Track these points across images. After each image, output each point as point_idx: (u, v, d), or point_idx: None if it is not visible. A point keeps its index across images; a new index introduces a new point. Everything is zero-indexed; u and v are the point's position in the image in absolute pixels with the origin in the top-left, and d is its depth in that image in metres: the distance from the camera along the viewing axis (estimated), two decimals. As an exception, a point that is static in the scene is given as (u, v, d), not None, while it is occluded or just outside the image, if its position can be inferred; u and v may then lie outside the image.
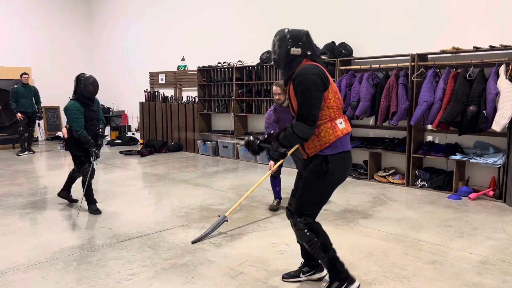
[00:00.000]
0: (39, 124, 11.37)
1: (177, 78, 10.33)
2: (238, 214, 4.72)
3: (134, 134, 11.40)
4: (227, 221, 4.16)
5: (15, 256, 3.58)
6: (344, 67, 6.71)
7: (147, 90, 10.85)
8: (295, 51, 2.65)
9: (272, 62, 7.86)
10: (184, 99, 10.16)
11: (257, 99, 8.25)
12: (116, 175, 7.07)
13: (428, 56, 6.00)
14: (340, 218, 4.57)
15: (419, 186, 5.97)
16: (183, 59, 10.13)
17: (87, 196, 4.87)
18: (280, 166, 4.86)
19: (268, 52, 7.92)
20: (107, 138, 11.64)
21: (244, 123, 8.84)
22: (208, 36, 9.55)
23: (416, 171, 6.06)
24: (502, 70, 5.09)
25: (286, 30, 2.70)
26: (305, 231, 2.69)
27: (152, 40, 11.14)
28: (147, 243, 3.86)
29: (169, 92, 10.53)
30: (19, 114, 9.13)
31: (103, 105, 12.35)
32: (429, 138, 6.21)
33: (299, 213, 2.71)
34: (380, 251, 3.62)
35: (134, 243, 3.88)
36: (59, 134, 11.85)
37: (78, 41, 12.97)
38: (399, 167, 6.42)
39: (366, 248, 3.70)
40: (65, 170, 7.68)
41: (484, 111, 5.10)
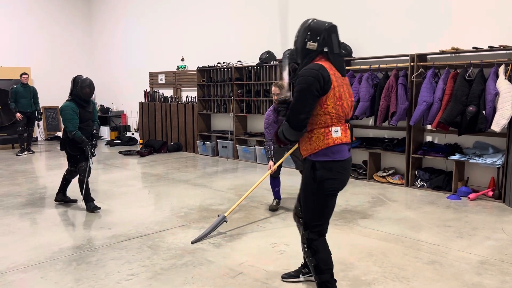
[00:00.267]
0: (38, 125, 11.36)
1: (176, 78, 10.32)
2: (238, 214, 4.72)
3: (133, 134, 11.39)
4: (226, 221, 4.16)
5: (14, 256, 3.58)
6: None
7: (146, 90, 10.85)
8: (311, 45, 2.49)
9: (271, 62, 7.89)
10: (184, 99, 10.16)
11: (256, 99, 8.25)
12: (115, 175, 7.07)
13: (428, 56, 6.00)
14: (340, 218, 4.57)
15: (419, 186, 5.97)
16: (182, 59, 10.13)
17: (85, 194, 4.90)
18: (279, 166, 4.86)
19: (268, 53, 7.93)
20: (107, 138, 11.64)
21: (244, 123, 8.84)
22: (208, 36, 9.55)
23: (416, 171, 6.06)
24: (501, 70, 5.10)
25: (310, 21, 2.54)
26: (304, 246, 2.62)
27: (151, 40, 11.14)
28: (147, 243, 3.86)
29: (168, 92, 10.53)
30: (18, 114, 9.12)
31: (103, 105, 12.38)
32: (428, 138, 6.21)
33: (305, 226, 2.61)
34: (379, 251, 3.62)
35: (133, 243, 3.88)
36: (59, 134, 11.84)
37: (78, 41, 12.96)
38: (398, 167, 6.42)
39: (365, 248, 3.71)
40: (64, 170, 7.63)
41: (484, 112, 5.10)
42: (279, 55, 7.80)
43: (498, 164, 5.21)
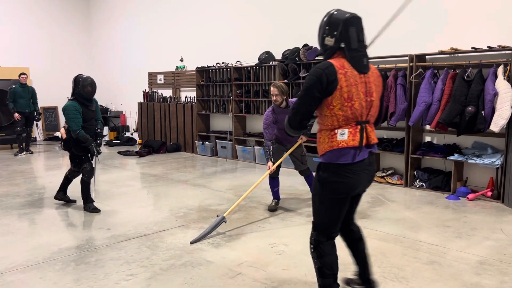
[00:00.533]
0: (37, 125, 11.34)
1: (175, 79, 10.32)
2: (237, 215, 4.72)
3: (132, 134, 11.38)
4: (225, 221, 4.16)
5: (13, 257, 3.57)
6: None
7: (145, 90, 10.84)
8: (329, 41, 2.33)
9: (270, 63, 7.89)
10: (183, 99, 10.16)
11: (255, 100, 8.25)
12: (114, 175, 7.06)
13: (427, 56, 6.00)
14: (339, 218, 4.57)
15: (418, 186, 5.98)
16: (181, 60, 10.13)
17: (86, 195, 4.90)
18: (278, 166, 4.86)
19: (267, 53, 7.92)
20: (106, 138, 11.62)
21: (243, 123, 8.84)
22: (207, 37, 9.55)
23: (415, 172, 6.06)
24: (500, 70, 5.10)
25: (331, 12, 2.38)
26: (310, 246, 2.53)
27: (150, 40, 11.14)
28: (146, 244, 3.86)
29: (167, 92, 10.52)
30: (16, 115, 9.11)
31: (101, 105, 12.35)
32: (427, 139, 6.22)
33: (313, 226, 2.53)
34: (378, 252, 3.62)
35: (132, 243, 3.88)
36: (57, 134, 11.83)
37: (77, 41, 12.95)
38: (397, 167, 6.42)
39: (364, 248, 3.70)
40: (63, 170, 7.66)
41: (482, 112, 5.10)
42: (278, 55, 7.80)
43: (497, 164, 5.22)
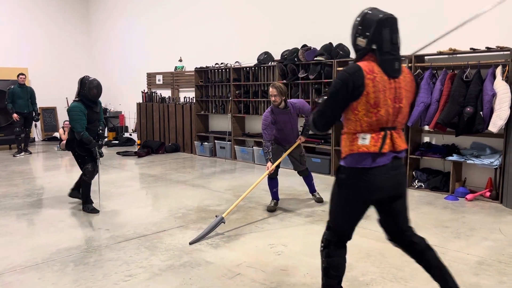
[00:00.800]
0: (36, 125, 11.34)
1: (174, 79, 10.31)
2: (236, 215, 4.72)
3: (131, 135, 11.37)
4: (224, 222, 4.16)
5: (12, 257, 3.56)
6: (341, 68, 6.72)
7: (144, 90, 10.83)
8: (361, 41, 2.25)
9: (269, 63, 7.89)
10: (182, 100, 10.15)
11: (254, 100, 8.25)
12: (113, 176, 7.06)
13: (425, 57, 6.01)
14: (338, 219, 4.57)
15: (416, 187, 5.98)
16: (180, 60, 10.12)
17: (86, 195, 4.91)
18: (277, 167, 4.86)
19: (266, 53, 7.92)
20: (105, 139, 11.61)
21: (242, 124, 8.84)
22: (206, 37, 9.55)
23: (413, 172, 6.07)
24: (498, 71, 5.11)
25: (365, 11, 2.28)
26: (321, 244, 2.49)
27: (149, 40, 11.13)
28: (145, 244, 3.86)
29: (166, 93, 10.52)
30: (15, 115, 9.09)
31: (100, 105, 12.35)
32: (426, 139, 6.23)
33: (327, 226, 2.48)
34: (377, 252, 3.63)
35: (131, 244, 3.87)
36: (56, 135, 11.81)
37: (75, 41, 12.93)
38: (396, 168, 6.41)
39: (363, 249, 3.71)
40: (61, 171, 7.67)
41: (481, 112, 5.11)
42: (277, 55, 7.80)
43: (496, 165, 5.23)
